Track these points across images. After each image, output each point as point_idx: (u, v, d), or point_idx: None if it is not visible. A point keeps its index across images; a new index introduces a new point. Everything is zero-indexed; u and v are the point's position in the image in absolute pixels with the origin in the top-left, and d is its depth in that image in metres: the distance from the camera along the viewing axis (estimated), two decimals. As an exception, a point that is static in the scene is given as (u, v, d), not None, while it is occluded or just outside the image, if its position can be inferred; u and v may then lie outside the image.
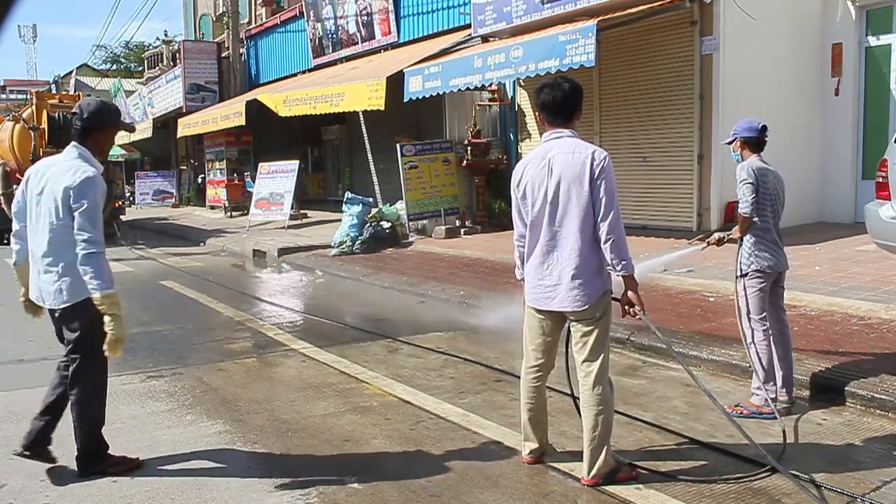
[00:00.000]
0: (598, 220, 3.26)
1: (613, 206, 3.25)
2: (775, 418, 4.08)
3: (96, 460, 3.63)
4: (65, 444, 4.00)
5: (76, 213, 3.40)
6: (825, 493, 3.24)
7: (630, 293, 3.37)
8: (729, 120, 9.67)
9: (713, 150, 9.67)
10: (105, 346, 3.41)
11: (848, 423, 4.08)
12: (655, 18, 9.97)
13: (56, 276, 3.48)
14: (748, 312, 4.32)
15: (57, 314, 3.55)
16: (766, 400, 4.17)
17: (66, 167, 3.51)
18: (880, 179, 6.27)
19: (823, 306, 6.12)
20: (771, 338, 4.30)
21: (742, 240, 4.33)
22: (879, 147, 8.68)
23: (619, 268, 3.28)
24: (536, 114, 3.54)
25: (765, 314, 4.30)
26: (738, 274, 4.36)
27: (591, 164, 3.25)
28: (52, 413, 3.69)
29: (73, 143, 3.61)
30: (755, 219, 4.27)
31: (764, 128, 4.36)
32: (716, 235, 4.53)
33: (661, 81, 10.34)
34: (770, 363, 4.28)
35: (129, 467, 3.65)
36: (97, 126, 3.63)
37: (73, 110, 3.72)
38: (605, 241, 3.26)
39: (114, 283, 3.43)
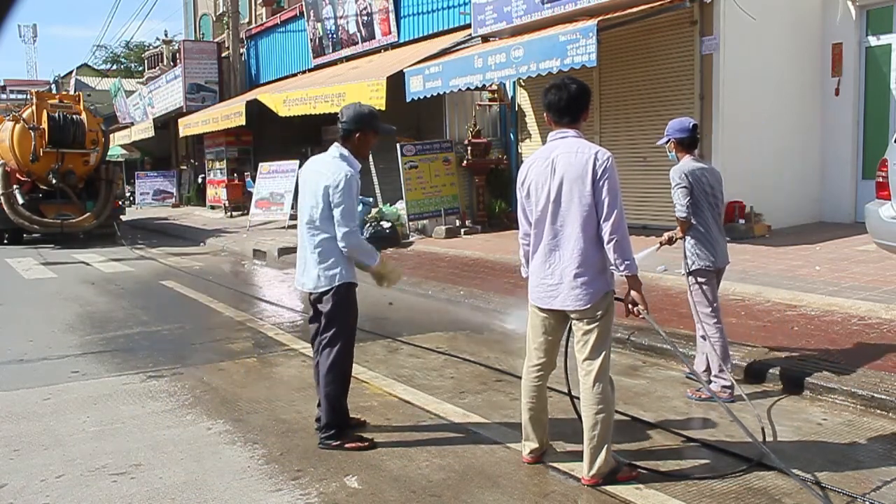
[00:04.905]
0: (602, 220, 3.27)
1: (616, 206, 3.26)
2: (732, 401, 4.32)
3: (336, 434, 3.91)
4: (64, 444, 4.00)
5: (335, 209, 3.82)
6: (825, 493, 3.24)
7: (634, 293, 3.39)
8: (729, 120, 9.71)
9: (713, 151, 9.67)
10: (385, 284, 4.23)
11: (848, 423, 4.08)
12: (655, 18, 9.97)
13: (314, 265, 3.94)
14: (697, 306, 4.57)
15: (313, 297, 4.00)
16: (723, 387, 4.43)
17: (326, 167, 3.94)
18: (880, 179, 6.27)
19: (823, 306, 6.12)
20: (722, 329, 4.55)
21: (684, 239, 4.55)
22: (879, 147, 8.69)
23: (622, 268, 3.29)
24: (544, 114, 3.55)
25: (713, 307, 4.53)
26: (685, 272, 4.62)
27: (594, 165, 3.26)
28: None
29: (335, 143, 4.10)
30: (693, 220, 4.46)
31: (695, 126, 4.59)
32: (666, 235, 4.74)
33: (661, 81, 10.34)
34: (724, 352, 4.52)
35: (362, 447, 3.87)
36: (355, 129, 4.09)
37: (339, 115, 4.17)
38: (609, 242, 3.26)
39: (376, 258, 4.14)
